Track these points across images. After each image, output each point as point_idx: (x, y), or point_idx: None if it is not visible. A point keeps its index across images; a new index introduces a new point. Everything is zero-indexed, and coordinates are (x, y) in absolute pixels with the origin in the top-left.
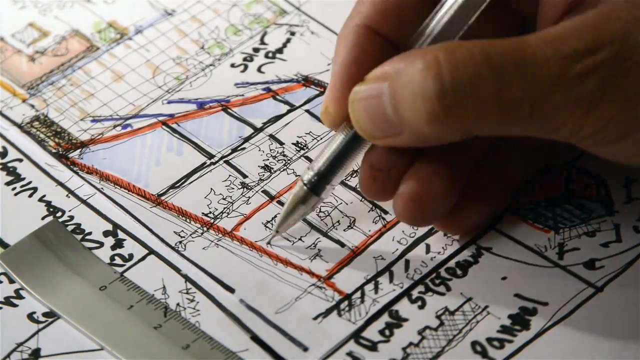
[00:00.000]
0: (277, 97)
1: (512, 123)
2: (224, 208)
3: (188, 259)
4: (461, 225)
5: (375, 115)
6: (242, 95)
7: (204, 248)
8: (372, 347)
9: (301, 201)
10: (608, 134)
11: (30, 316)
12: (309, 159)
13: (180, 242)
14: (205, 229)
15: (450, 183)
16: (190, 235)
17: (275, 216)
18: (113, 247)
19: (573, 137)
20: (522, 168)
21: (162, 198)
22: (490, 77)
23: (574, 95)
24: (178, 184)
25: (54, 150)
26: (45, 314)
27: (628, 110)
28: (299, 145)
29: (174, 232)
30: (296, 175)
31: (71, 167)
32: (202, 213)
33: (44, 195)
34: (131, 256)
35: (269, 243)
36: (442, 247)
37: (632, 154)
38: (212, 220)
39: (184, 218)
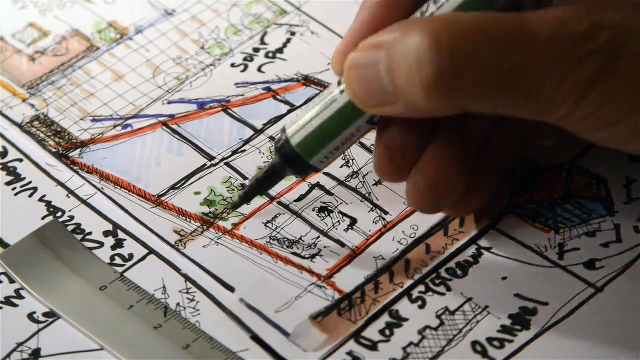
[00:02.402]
0: (277, 96)
1: (507, 101)
2: (224, 208)
3: (188, 257)
4: (470, 206)
5: (370, 83)
6: (242, 95)
7: (203, 246)
8: (372, 346)
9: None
10: (598, 120)
11: (30, 316)
12: None
13: (180, 240)
14: (205, 227)
15: (462, 169)
16: (190, 233)
17: (276, 216)
18: (113, 247)
19: (563, 120)
20: (519, 144)
21: (162, 198)
22: (489, 51)
23: (570, 79)
24: (178, 185)
25: (54, 150)
26: (45, 314)
27: (619, 98)
28: None
29: (174, 230)
30: (296, 177)
31: (71, 166)
32: (202, 213)
33: (44, 195)
34: (131, 256)
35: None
36: (442, 247)
37: (621, 139)
38: (212, 220)
39: (183, 217)
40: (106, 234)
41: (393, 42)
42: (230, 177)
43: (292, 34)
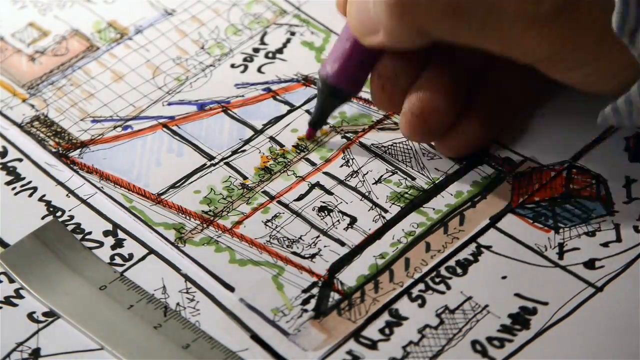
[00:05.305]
0: (277, 97)
1: (465, 29)
2: (224, 207)
3: (187, 256)
4: (461, 142)
5: (362, 13)
6: (242, 96)
7: (204, 244)
8: (372, 345)
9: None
10: (563, 60)
11: (30, 316)
12: (309, 161)
13: (180, 238)
14: (205, 225)
15: (451, 97)
16: (190, 231)
17: (276, 215)
18: (113, 247)
19: (529, 57)
20: (519, 90)
21: (162, 197)
22: None
23: (529, 11)
24: (178, 184)
25: (54, 150)
26: (45, 314)
27: (582, 38)
28: (299, 147)
29: (174, 228)
30: (296, 177)
31: (71, 166)
32: (202, 211)
33: (44, 195)
34: (131, 256)
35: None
36: (442, 246)
37: (590, 83)
38: (212, 218)
39: (184, 215)
40: (106, 233)
41: None
42: (230, 176)
43: (292, 34)
